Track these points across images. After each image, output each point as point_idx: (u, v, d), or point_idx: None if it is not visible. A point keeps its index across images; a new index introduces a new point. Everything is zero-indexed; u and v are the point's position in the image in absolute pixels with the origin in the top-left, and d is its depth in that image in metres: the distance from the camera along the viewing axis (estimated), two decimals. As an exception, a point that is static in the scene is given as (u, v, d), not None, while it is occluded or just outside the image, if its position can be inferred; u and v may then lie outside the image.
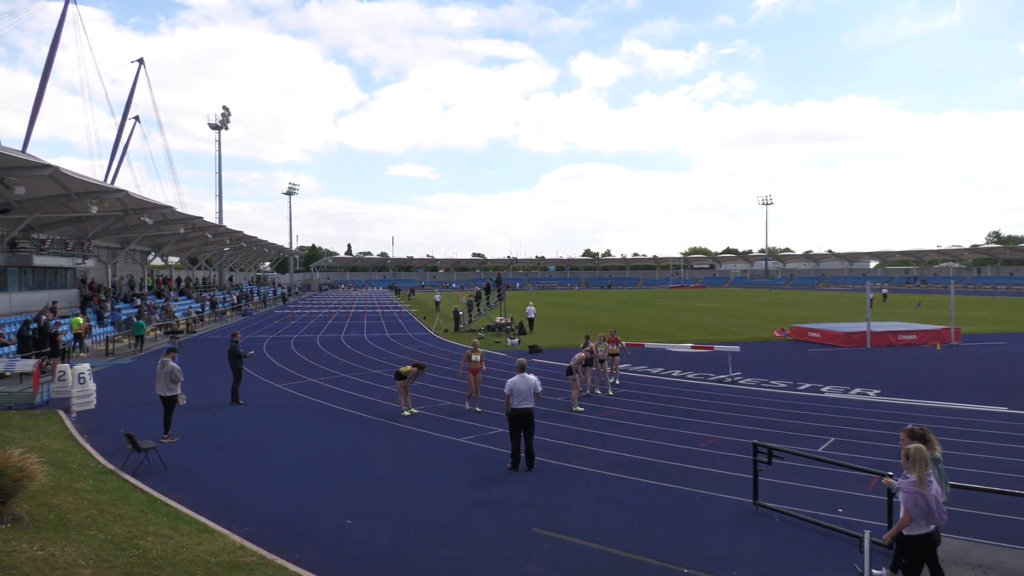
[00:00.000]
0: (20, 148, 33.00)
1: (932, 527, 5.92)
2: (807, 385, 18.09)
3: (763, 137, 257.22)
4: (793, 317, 40.82)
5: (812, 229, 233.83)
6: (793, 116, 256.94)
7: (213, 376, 20.39)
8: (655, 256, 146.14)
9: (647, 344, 23.05)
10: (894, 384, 18.10)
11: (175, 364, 13.24)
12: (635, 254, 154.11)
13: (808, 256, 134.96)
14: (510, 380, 11.10)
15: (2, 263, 26.37)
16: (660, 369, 21.24)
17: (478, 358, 15.53)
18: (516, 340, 28.89)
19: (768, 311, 48.24)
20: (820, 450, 11.60)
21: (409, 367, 15.30)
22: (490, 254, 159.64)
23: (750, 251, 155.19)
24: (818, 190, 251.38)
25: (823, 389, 17.48)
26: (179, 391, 13.21)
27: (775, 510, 8.77)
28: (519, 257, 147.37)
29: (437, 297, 63.28)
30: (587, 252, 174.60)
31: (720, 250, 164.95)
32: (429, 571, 7.21)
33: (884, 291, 71.61)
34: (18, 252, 27.73)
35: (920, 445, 6.05)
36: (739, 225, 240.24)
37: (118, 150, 50.89)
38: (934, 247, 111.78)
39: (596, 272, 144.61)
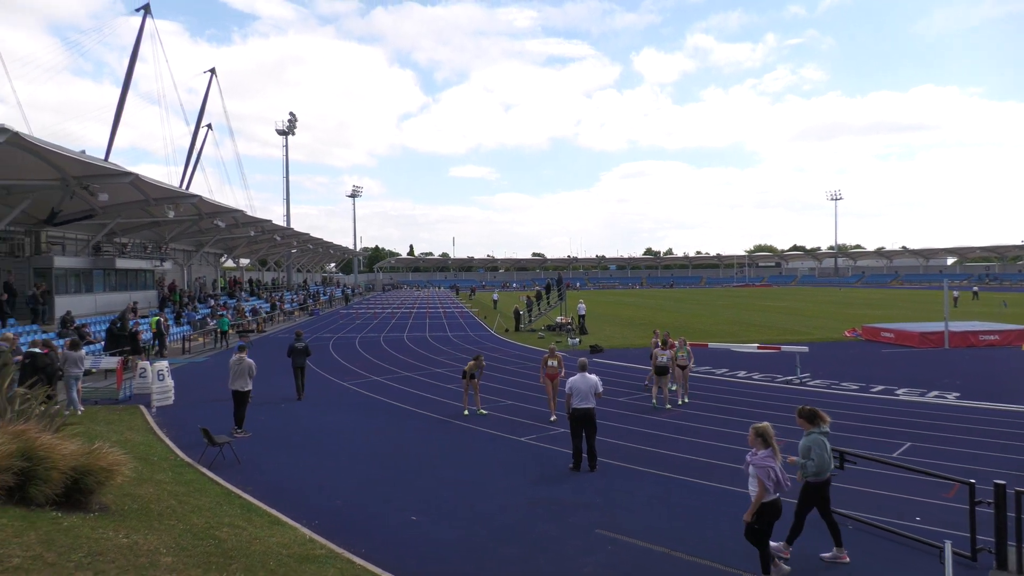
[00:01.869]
0: (103, 157, 34.96)
1: (778, 495, 6.64)
2: (880, 387, 17.39)
3: (834, 130, 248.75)
4: (865, 316, 39.38)
5: (884, 225, 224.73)
6: (866, 107, 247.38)
7: (281, 374, 21.08)
8: (718, 254, 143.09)
9: (711, 344, 22.60)
10: (975, 387, 17.21)
11: (251, 360, 13.74)
12: (698, 252, 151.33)
13: (881, 253, 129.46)
14: (571, 379, 11.06)
15: (88, 266, 27.91)
16: (724, 370, 20.79)
17: (555, 363, 15.01)
18: (577, 340, 28.77)
19: (838, 310, 46.64)
20: (895, 455, 11.12)
21: (471, 362, 15.34)
22: (550, 254, 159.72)
23: (818, 248, 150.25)
24: (891, 184, 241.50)
25: (898, 392, 16.77)
26: (250, 387, 13.69)
27: (847, 517, 8.46)
28: (579, 256, 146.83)
29: (495, 296, 63.63)
30: (648, 251, 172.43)
31: (786, 247, 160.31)
32: (492, 568, 7.23)
33: (975, 289, 68.04)
34: (102, 255, 29.34)
35: (766, 423, 6.88)
36: (807, 221, 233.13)
37: (192, 157, 53.28)
38: (1018, 242, 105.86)
39: (657, 271, 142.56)
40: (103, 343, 22.03)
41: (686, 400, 15.93)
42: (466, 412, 14.94)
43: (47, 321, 23.73)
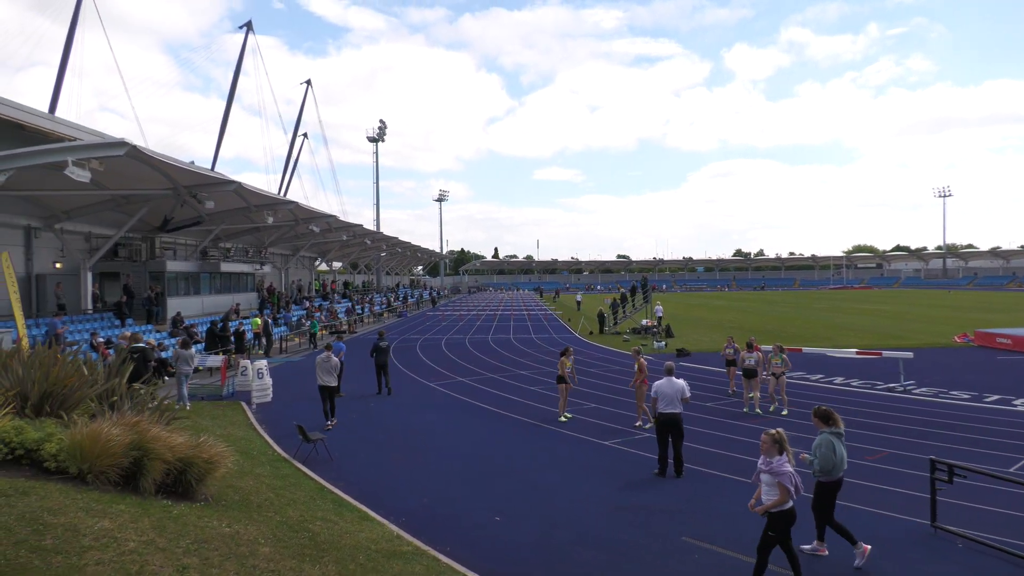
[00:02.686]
0: (210, 167, 37.18)
1: (793, 502, 6.64)
2: (995, 397, 16.18)
3: (943, 122, 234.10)
4: (977, 321, 36.79)
5: (1000, 223, 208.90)
6: (980, 97, 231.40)
7: (371, 373, 21.86)
8: (813, 255, 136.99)
9: (805, 349, 21.68)
10: (1107, 398, 15.72)
11: (337, 359, 14.55)
12: (791, 253, 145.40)
13: (995, 253, 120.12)
14: (656, 383, 10.89)
15: (195, 269, 29.76)
16: (820, 376, 19.91)
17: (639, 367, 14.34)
18: (662, 343, 28.25)
19: (947, 314, 43.76)
20: (1012, 470, 10.32)
21: (562, 359, 14.78)
22: (635, 255, 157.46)
23: (924, 248, 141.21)
24: (1008, 178, 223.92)
25: (1016, 402, 15.56)
26: (337, 382, 14.42)
27: (957, 534, 7.92)
28: (665, 258, 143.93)
29: (578, 297, 63.27)
30: (738, 252, 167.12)
31: (888, 248, 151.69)
32: (573, 572, 7.20)
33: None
34: (208, 260, 31.21)
35: (780, 430, 6.86)
36: (910, 220, 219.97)
37: (289, 165, 55.91)
38: None
39: (747, 273, 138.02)
40: (204, 342, 23.37)
41: (785, 412, 15.08)
42: (562, 418, 14.46)
43: (160, 321, 25.45)
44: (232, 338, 23.55)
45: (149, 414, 8.09)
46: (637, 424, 13.95)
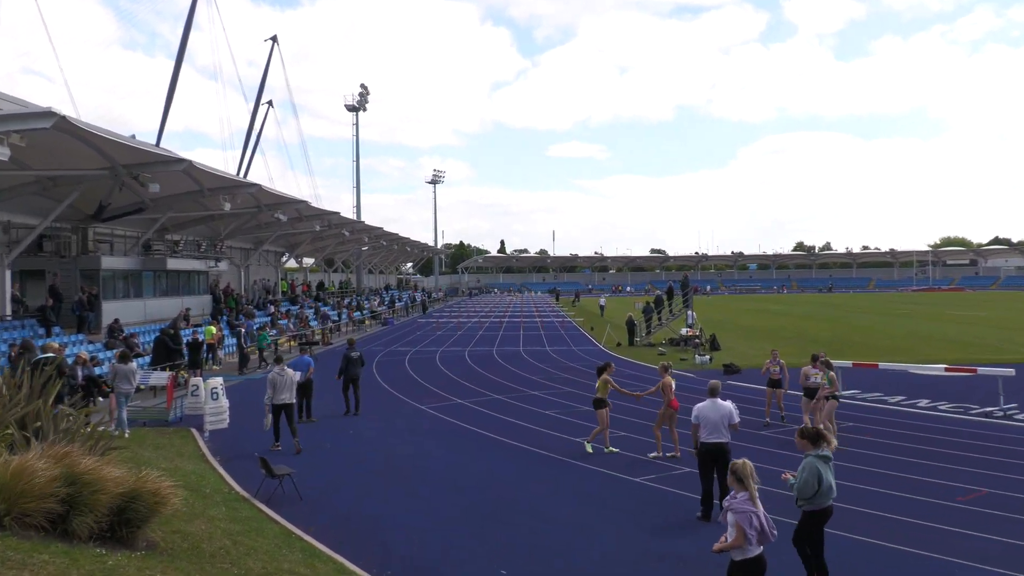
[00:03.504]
0: (154, 142, 37.40)
1: (761, 549, 6.63)
2: (1119, 424, 16.04)
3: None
4: (1095, 330, 36.50)
5: None
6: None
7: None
8: (892, 250, 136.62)
9: (882, 365, 21.60)
10: None
11: (294, 371, 15.08)
12: (865, 248, 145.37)
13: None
14: (698, 406, 10.87)
15: (137, 267, 29.90)
16: (900, 398, 19.86)
17: (661, 387, 14.31)
18: (706, 357, 28.22)
19: (1057, 321, 43.51)
20: None
21: (601, 375, 14.66)
22: (673, 250, 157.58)
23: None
24: None
25: None
26: (294, 399, 15.29)
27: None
28: (710, 253, 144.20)
29: (602, 301, 63.23)
30: (799, 246, 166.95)
31: (984, 241, 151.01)
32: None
33: None
34: (152, 255, 31.33)
35: (746, 461, 6.99)
36: (1012, 207, 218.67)
37: (251, 139, 56.06)
38: None
39: (811, 271, 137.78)
40: (150, 356, 23.41)
41: (833, 445, 15.15)
42: (589, 449, 14.42)
43: (94, 330, 25.56)
44: (184, 351, 23.66)
45: (80, 443, 8.12)
46: (651, 455, 13.95)
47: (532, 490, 12.08)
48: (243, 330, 29.28)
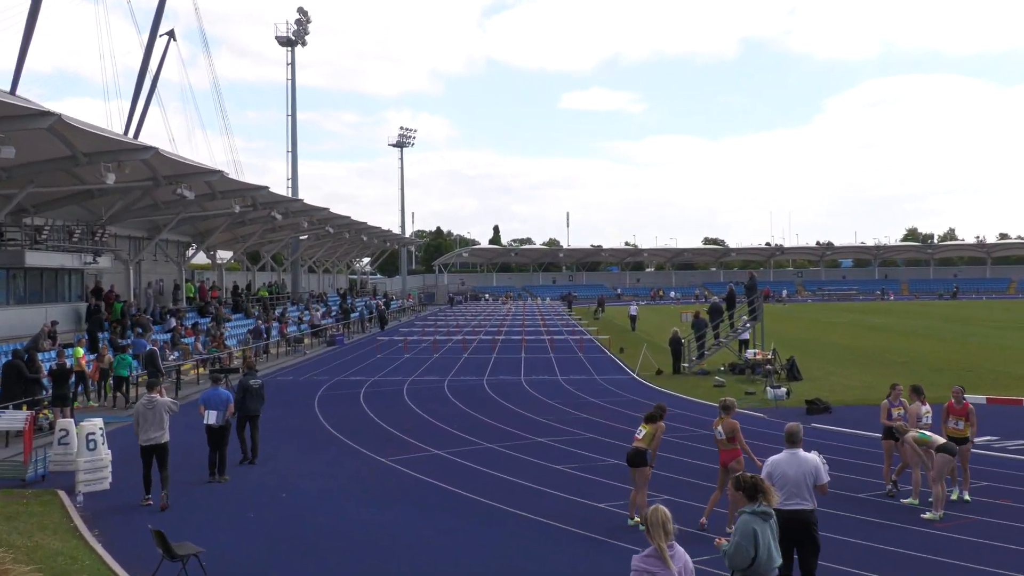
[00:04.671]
0: (8, 89, 37.14)
1: None
2: None
3: None
4: None
5: None
6: None
7: (287, 442, 21.76)
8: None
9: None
10: None
11: (166, 399, 15.43)
12: (1002, 236, 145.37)
13: None
14: (772, 460, 10.79)
15: (-18, 264, 29.74)
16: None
17: (724, 431, 14.35)
18: (781, 390, 28.08)
19: None
20: None
21: (645, 431, 14.59)
22: (735, 239, 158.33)
23: None
24: None
25: None
26: (167, 436, 15.84)
27: None
28: (787, 244, 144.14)
29: (633, 311, 63.19)
30: (910, 234, 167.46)
31: None
32: None
33: None
34: (5, 246, 31.10)
35: (658, 507, 7.45)
36: None
37: (144, 85, 55.89)
38: None
39: (928, 268, 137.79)
40: None
41: (967, 498, 15.45)
42: (632, 521, 14.46)
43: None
44: (46, 381, 23.46)
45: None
46: (722, 541, 13.77)
47: (542, 575, 12.02)
48: (132, 352, 29.14)
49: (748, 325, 37.15)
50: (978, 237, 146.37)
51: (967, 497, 15.56)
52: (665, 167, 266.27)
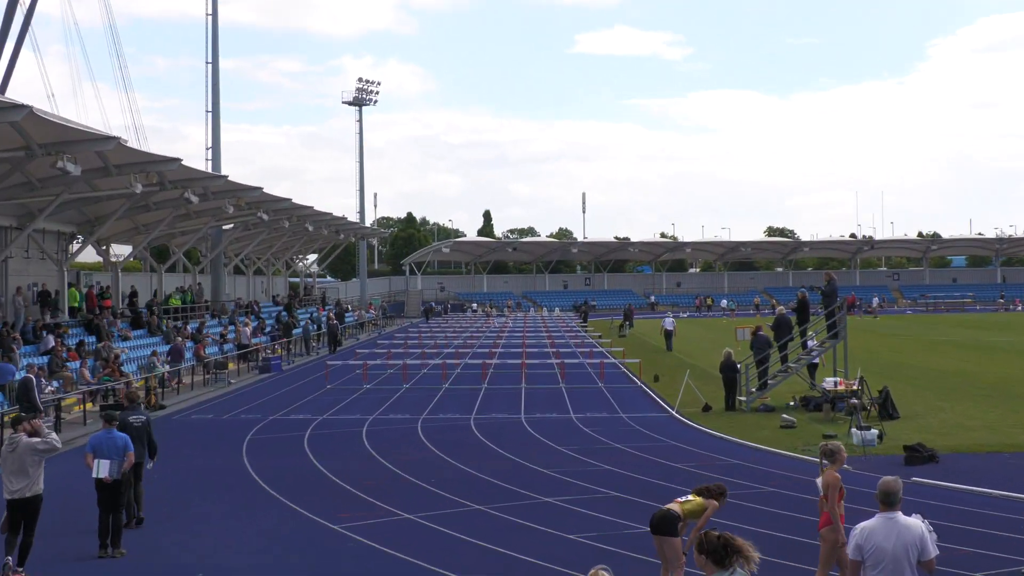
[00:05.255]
0: None
1: None
2: None
3: None
4: None
5: None
6: None
7: (206, 502, 21.70)
8: None
9: None
10: None
11: (33, 440, 15.41)
12: None
13: None
14: (863, 528, 10.70)
15: None
16: None
17: (822, 486, 14.31)
18: (873, 432, 28.01)
19: None
20: None
21: (691, 501, 14.78)
22: (809, 229, 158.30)
23: None
24: None
25: None
26: (41, 487, 15.87)
27: None
28: (878, 236, 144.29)
29: (669, 324, 63.12)
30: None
31: None
32: None
33: None
34: None
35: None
36: None
37: (12, 23, 55.70)
38: None
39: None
40: None
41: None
42: None
43: None
44: None
45: None
46: None
47: None
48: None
49: (826, 345, 37.06)
50: None
51: None
52: (715, 133, 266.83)
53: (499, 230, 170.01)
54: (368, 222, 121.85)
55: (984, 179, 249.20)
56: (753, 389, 36.42)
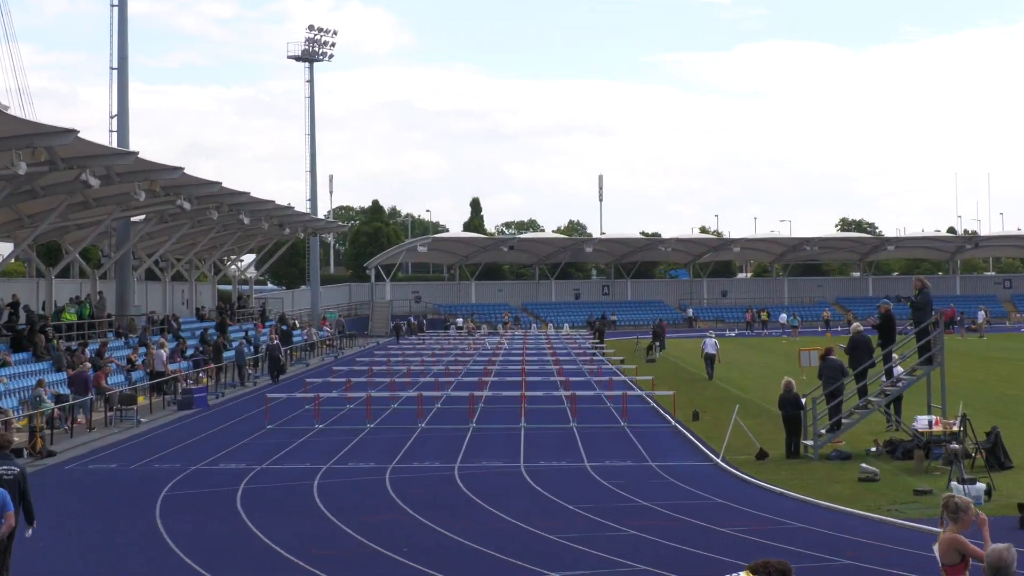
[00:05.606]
0: None
1: None
2: None
3: None
4: None
5: None
6: None
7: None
8: None
9: None
10: None
11: None
12: None
13: None
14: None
15: None
16: None
17: (940, 551, 14.22)
18: (979, 487, 27.90)
19: None
20: None
21: None
22: (893, 223, 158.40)
23: None
24: None
25: None
26: None
27: None
28: (983, 232, 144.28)
29: (710, 344, 63.19)
30: None
31: None
32: None
33: None
34: None
35: None
36: None
37: None
38: None
39: None
40: None
41: None
42: None
43: None
44: None
45: None
46: None
47: None
48: None
49: (917, 373, 36.85)
50: None
51: None
52: (769, 97, 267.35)
53: (491, 224, 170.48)
54: (322, 213, 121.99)
55: None
56: (823, 430, 36.28)
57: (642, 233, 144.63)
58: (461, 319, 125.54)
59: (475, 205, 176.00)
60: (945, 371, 36.54)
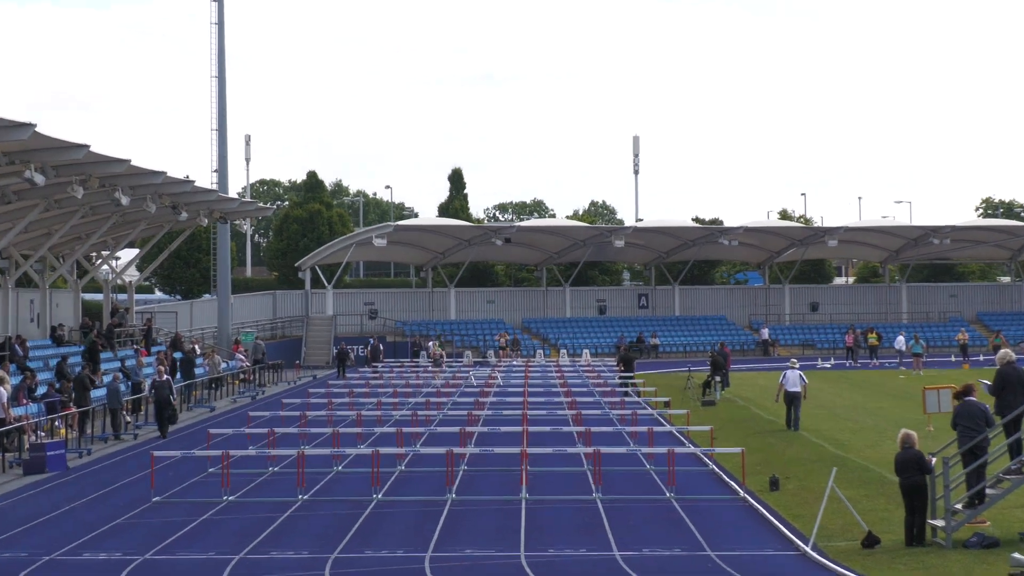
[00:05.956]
0: None
1: None
2: None
3: None
4: None
5: None
6: None
7: None
8: None
9: None
10: None
11: None
12: None
13: None
14: None
15: None
16: None
17: None
18: None
19: None
20: None
21: None
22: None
23: None
24: None
25: None
26: None
27: None
28: None
29: (793, 379, 63.17)
30: None
31: None
32: None
33: None
34: None
35: None
36: None
37: None
38: None
39: None
40: None
41: None
42: None
43: None
44: None
45: None
46: None
47: None
48: None
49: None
50: None
51: None
52: (879, 30, 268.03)
53: (479, 207, 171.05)
54: (234, 190, 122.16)
55: None
56: (959, 505, 36.13)
57: (695, 220, 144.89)
58: (432, 342, 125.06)
59: (456, 180, 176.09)
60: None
